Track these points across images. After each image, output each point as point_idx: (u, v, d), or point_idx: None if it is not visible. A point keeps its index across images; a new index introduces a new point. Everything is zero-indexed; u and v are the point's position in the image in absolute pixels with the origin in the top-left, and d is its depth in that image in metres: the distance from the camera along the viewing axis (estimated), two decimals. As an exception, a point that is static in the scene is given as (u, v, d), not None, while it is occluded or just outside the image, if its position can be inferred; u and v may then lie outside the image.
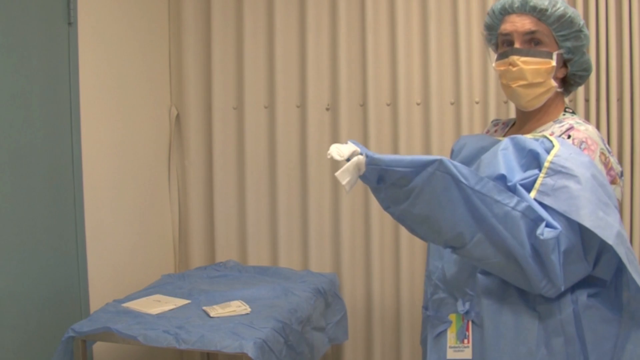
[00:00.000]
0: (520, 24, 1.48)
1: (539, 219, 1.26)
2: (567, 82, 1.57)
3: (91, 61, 2.21)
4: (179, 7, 2.76)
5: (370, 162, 1.24)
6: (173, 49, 2.80)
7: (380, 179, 1.27)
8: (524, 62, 1.47)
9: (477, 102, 2.51)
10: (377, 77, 2.60)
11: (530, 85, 1.48)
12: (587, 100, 2.40)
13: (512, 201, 1.26)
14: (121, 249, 2.42)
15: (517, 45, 1.49)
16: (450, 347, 1.48)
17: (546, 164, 1.31)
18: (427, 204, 1.27)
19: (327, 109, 2.68)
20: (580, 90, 2.38)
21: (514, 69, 1.48)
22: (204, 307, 1.99)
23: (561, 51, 1.49)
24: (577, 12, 1.49)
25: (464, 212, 1.26)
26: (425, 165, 1.24)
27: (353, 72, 2.63)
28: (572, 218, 1.25)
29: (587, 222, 1.23)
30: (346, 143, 1.27)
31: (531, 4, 1.47)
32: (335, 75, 2.63)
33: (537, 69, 1.47)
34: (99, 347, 2.11)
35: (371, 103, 2.60)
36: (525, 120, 1.57)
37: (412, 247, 2.60)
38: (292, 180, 2.72)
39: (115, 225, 2.38)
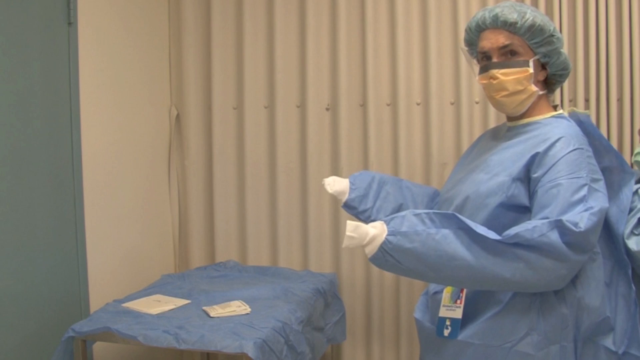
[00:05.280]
0: (494, 39, 1.57)
1: (554, 225, 1.38)
2: (549, 82, 1.66)
3: (91, 61, 2.21)
4: (179, 7, 2.75)
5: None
6: (173, 49, 2.80)
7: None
8: (504, 74, 1.55)
9: (477, 102, 2.51)
10: (377, 77, 2.59)
11: (512, 94, 1.57)
12: (587, 100, 2.40)
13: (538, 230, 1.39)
14: (121, 249, 2.42)
15: (494, 59, 1.58)
16: (444, 306, 1.58)
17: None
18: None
19: (327, 109, 2.68)
20: (580, 90, 2.38)
21: (495, 81, 1.57)
22: (204, 307, 1.99)
23: (537, 57, 1.57)
24: (546, 19, 1.57)
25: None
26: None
27: (353, 72, 2.63)
28: None
29: None
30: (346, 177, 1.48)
31: (502, 19, 1.55)
32: (335, 75, 2.63)
33: (516, 79, 1.55)
34: (99, 347, 2.11)
35: (371, 103, 2.59)
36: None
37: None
38: (292, 180, 2.71)
39: (115, 225, 2.37)
